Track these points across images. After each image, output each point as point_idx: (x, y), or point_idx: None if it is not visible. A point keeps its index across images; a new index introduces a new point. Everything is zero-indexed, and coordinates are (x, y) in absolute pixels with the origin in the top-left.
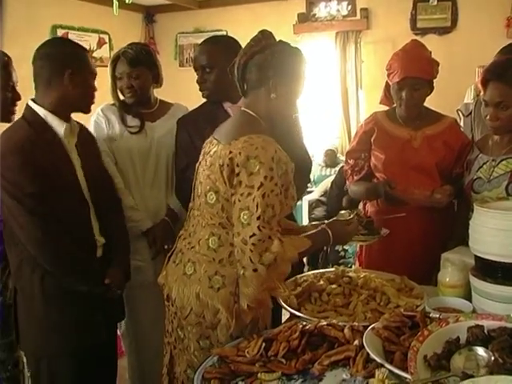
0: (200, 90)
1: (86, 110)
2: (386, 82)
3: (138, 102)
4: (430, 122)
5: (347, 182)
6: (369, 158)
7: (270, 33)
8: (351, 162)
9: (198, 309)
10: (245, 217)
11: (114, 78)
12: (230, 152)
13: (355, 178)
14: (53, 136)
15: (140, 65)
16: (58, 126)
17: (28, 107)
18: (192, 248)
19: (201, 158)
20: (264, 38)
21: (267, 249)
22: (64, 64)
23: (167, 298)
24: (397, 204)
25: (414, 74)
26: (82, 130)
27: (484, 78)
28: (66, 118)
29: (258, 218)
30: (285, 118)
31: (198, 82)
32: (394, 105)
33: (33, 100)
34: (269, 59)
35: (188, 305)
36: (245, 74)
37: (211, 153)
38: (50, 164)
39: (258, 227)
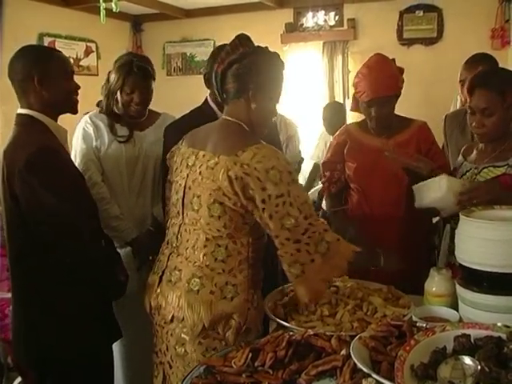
0: None
1: (72, 111)
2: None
3: (143, 115)
4: (400, 128)
5: (324, 194)
6: (344, 169)
7: (248, 38)
8: (327, 173)
9: (211, 322)
10: (288, 222)
11: (118, 89)
12: (242, 165)
13: (333, 189)
14: None
15: (151, 77)
16: None
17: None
18: (194, 263)
19: (185, 171)
20: (241, 45)
21: (322, 238)
22: (30, 72)
23: (171, 319)
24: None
25: (382, 93)
26: None
27: (471, 85)
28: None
29: (306, 218)
30: (266, 124)
31: None
32: None
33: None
34: (247, 70)
35: (200, 321)
36: (223, 83)
37: (209, 165)
38: None
39: (310, 224)
